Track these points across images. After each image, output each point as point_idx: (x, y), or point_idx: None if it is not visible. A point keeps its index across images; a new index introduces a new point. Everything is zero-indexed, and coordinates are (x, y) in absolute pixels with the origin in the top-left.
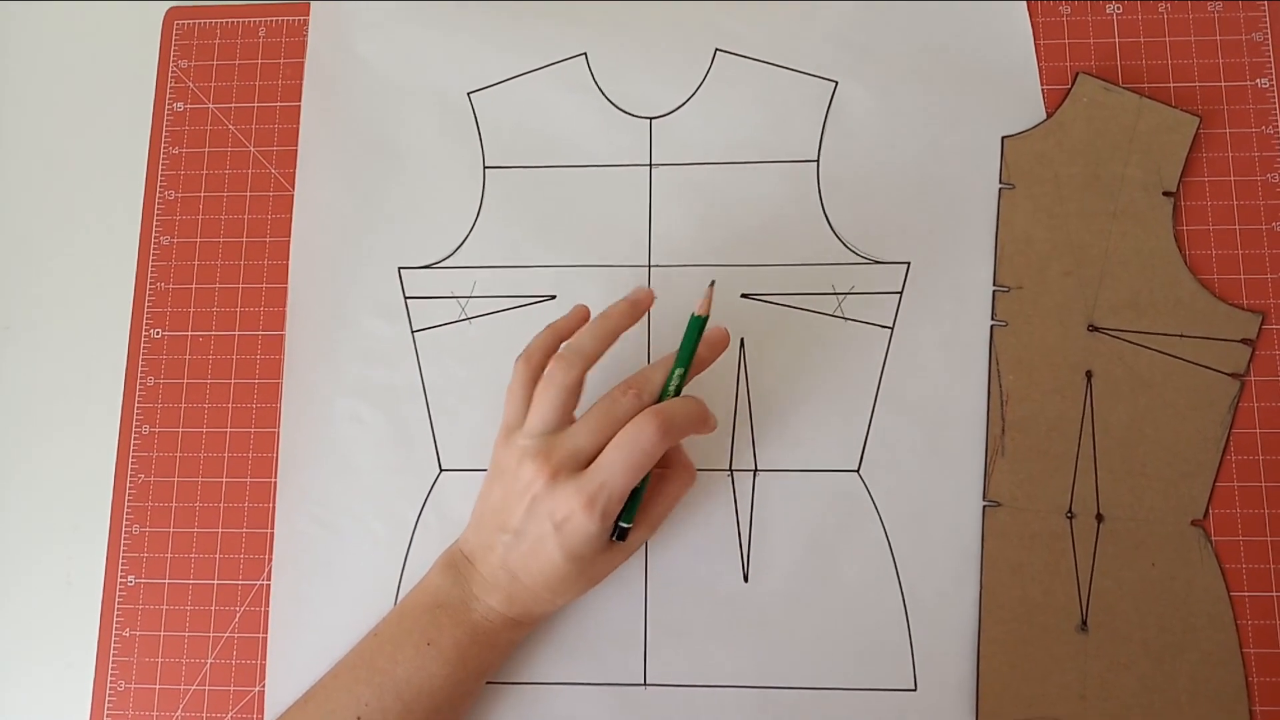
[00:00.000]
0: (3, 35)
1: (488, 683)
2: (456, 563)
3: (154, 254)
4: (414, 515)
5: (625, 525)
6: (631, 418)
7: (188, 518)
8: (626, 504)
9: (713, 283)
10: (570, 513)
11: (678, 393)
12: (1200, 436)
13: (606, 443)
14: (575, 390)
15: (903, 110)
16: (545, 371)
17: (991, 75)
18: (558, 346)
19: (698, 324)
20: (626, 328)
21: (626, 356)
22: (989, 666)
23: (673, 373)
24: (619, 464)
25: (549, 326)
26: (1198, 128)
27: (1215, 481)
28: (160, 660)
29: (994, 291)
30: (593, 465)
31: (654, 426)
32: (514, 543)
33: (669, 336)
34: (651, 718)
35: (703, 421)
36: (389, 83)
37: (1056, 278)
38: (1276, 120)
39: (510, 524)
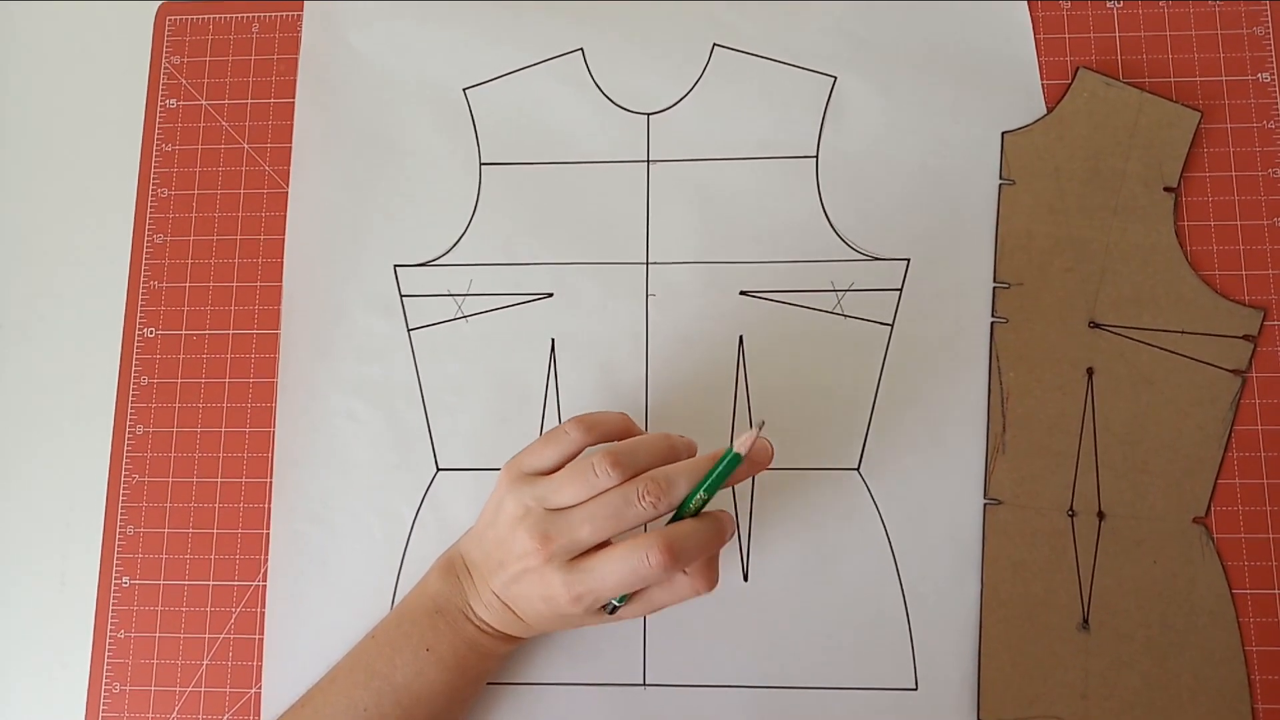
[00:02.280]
0: None
1: (488, 683)
2: (457, 570)
3: (147, 252)
4: (411, 514)
5: (617, 604)
6: (642, 521)
7: (183, 518)
8: None
9: (762, 423)
10: (557, 597)
11: (697, 512)
12: (1202, 433)
13: (608, 538)
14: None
15: (903, 106)
16: (596, 459)
17: (991, 70)
18: (622, 433)
19: (734, 462)
20: (685, 458)
21: (626, 348)
22: (990, 665)
23: (696, 491)
24: (613, 578)
25: (625, 415)
26: (1199, 123)
27: (1217, 478)
28: (155, 662)
29: (994, 288)
30: (588, 564)
31: (661, 558)
32: (509, 584)
33: (667, 338)
34: (651, 718)
35: (719, 545)
36: (384, 78)
37: (1057, 274)
38: (1277, 115)
39: (506, 568)
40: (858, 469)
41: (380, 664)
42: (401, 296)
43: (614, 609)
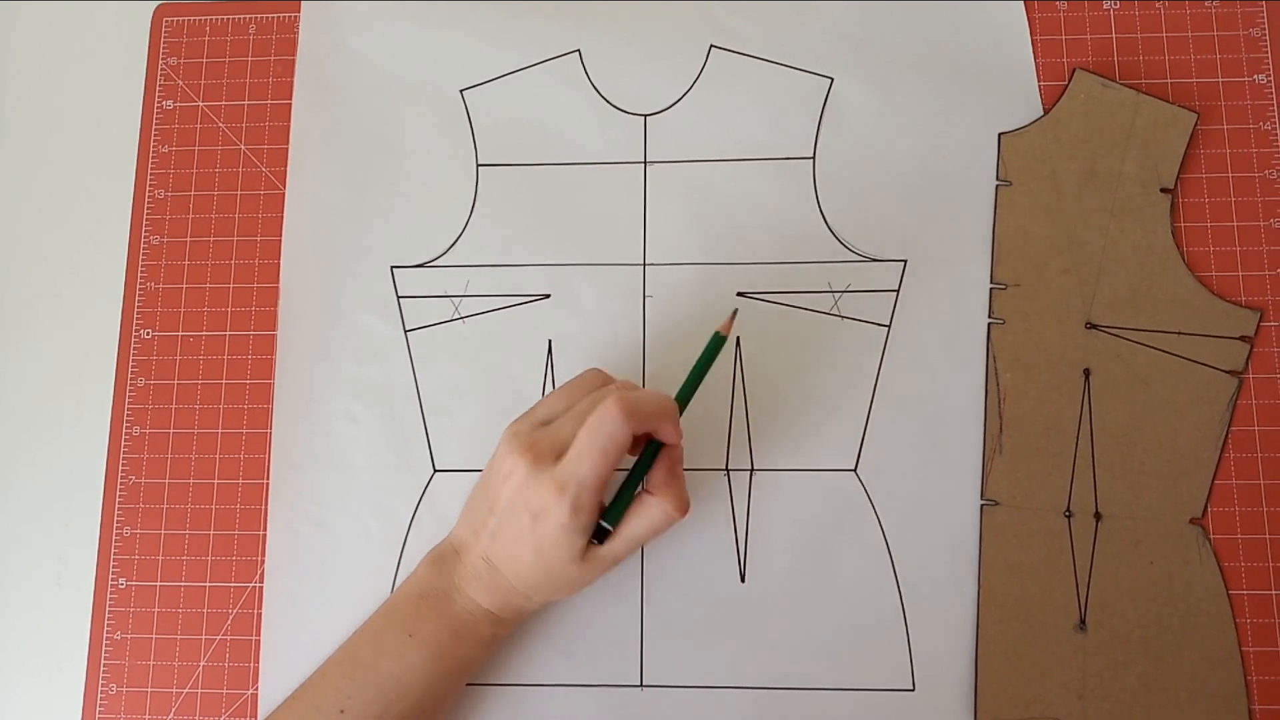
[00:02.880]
0: None
1: (484, 684)
2: (444, 554)
3: (144, 253)
4: (408, 515)
5: (606, 526)
6: None
7: (179, 520)
8: (612, 506)
9: (735, 311)
10: (545, 503)
11: (683, 401)
12: (1198, 434)
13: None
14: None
15: (899, 107)
16: (600, 394)
17: (988, 71)
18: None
19: (718, 342)
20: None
21: (624, 349)
22: (987, 666)
23: (684, 385)
24: (585, 450)
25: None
26: (1195, 124)
27: (1214, 479)
28: (152, 663)
29: (991, 289)
30: (565, 455)
31: (616, 408)
32: (497, 529)
33: (665, 337)
34: (648, 719)
35: (667, 416)
36: (381, 80)
37: (1054, 275)
38: (1274, 116)
39: (495, 509)
40: (855, 470)
41: (365, 651)
42: (399, 298)
43: (602, 534)
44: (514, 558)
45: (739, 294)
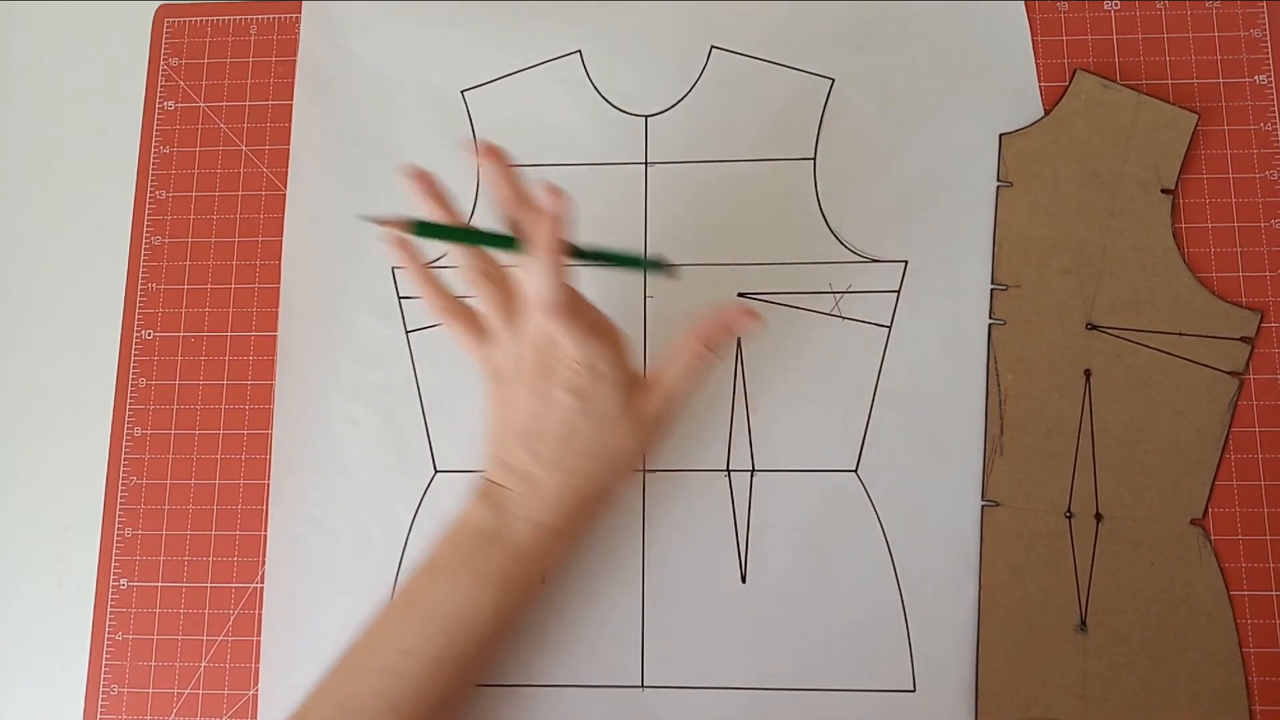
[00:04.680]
0: None
1: (486, 685)
2: (489, 490)
3: (145, 254)
4: (409, 517)
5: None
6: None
7: (181, 520)
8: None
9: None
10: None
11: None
12: (1199, 435)
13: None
14: None
15: (900, 108)
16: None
17: (989, 72)
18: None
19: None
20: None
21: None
22: (988, 667)
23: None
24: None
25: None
26: (1196, 125)
27: (1214, 480)
28: (153, 664)
29: (992, 290)
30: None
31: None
32: (537, 423)
33: (666, 338)
34: (649, 719)
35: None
36: (382, 81)
37: (1055, 276)
38: (1275, 117)
39: (534, 406)
40: (855, 471)
41: (423, 591)
42: (400, 298)
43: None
44: (562, 435)
45: (740, 294)
